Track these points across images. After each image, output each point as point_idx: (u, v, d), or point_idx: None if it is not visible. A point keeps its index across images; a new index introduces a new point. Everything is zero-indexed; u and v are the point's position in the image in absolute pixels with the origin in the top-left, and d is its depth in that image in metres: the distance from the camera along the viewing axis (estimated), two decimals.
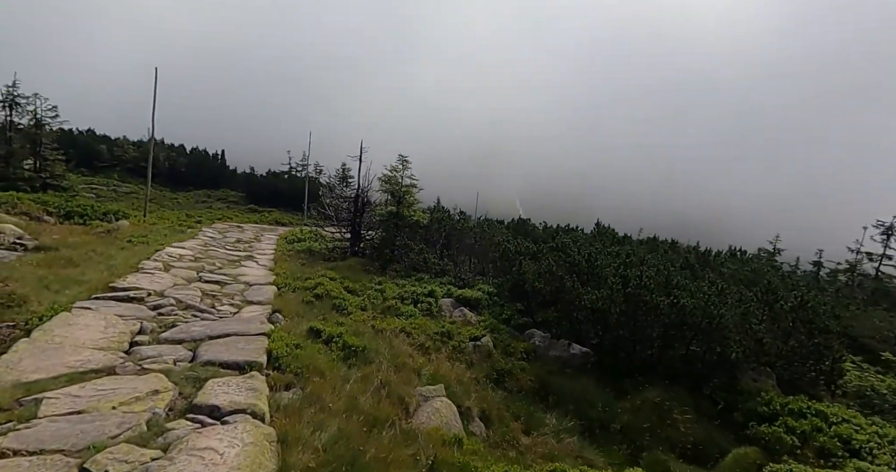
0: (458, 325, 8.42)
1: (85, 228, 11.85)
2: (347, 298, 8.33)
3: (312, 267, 10.69)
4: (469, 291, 9.84)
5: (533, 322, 8.45)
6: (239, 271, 9.09)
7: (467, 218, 13.63)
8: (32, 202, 12.92)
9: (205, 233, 12.98)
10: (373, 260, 11.87)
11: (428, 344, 7.26)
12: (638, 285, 7.15)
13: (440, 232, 11.87)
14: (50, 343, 4.33)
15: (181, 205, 25.44)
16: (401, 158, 11.76)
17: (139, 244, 10.12)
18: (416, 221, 11.73)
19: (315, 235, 14.17)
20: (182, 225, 14.43)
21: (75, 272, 7.33)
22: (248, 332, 5.35)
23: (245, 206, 27.64)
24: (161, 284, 7.18)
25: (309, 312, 7.36)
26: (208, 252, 10.17)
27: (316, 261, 11.50)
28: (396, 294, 9.19)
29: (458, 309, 9.06)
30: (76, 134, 31.08)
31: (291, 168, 36.17)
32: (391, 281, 10.26)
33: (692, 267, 11.44)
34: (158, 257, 8.84)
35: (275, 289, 7.97)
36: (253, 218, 20.92)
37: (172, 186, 29.81)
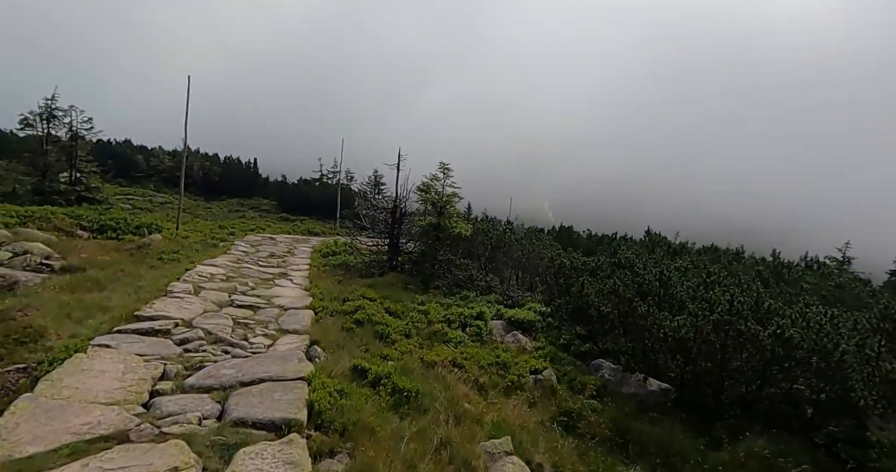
0: (513, 353, 7.54)
1: (117, 244, 11.48)
2: (389, 322, 7.56)
3: (349, 285, 9.99)
4: (520, 311, 8.94)
5: (598, 351, 7.49)
6: (273, 291, 8.44)
7: (513, 229, 12.75)
8: (66, 216, 12.69)
9: (237, 247, 12.48)
10: (413, 276, 11.09)
11: (483, 379, 6.40)
12: (728, 311, 6.12)
13: (485, 245, 11.02)
14: (56, 398, 3.66)
15: (214, 214, 25.36)
16: (442, 166, 10.98)
17: (170, 262, 9.62)
18: (458, 234, 10.91)
19: (350, 247, 13.52)
20: (214, 238, 14.01)
21: (101, 297, 6.79)
22: (285, 376, 4.61)
23: (277, 214, 27.43)
24: (190, 310, 6.56)
25: (349, 341, 6.62)
26: (240, 270, 9.58)
27: (352, 277, 10.80)
28: (442, 317, 8.38)
29: (510, 334, 8.17)
30: (114, 145, 31.59)
31: (322, 175, 35.99)
32: (434, 301, 9.45)
33: (767, 282, 10.23)
34: (188, 277, 8.28)
35: (311, 314, 7.26)
36: (285, 228, 20.52)
37: (206, 195, 29.91)
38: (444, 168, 11.02)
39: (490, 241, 11.06)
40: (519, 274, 10.83)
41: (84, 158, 15.88)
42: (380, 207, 12.29)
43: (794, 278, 10.48)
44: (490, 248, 11.08)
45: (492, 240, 11.03)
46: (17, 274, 7.26)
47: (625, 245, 10.86)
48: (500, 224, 12.88)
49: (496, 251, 11.07)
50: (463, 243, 11.47)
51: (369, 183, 29.68)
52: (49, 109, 14.57)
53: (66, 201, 14.20)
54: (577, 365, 7.34)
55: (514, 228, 13.16)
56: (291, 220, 26.12)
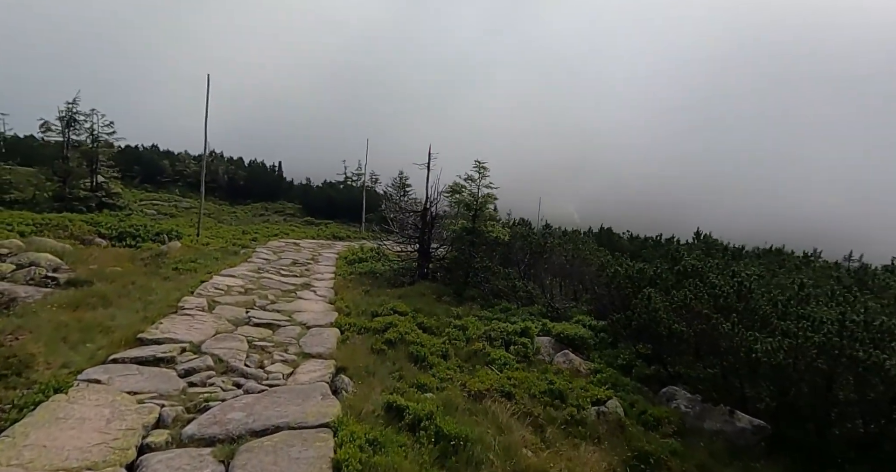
0: (567, 377, 6.55)
1: (134, 253, 10.91)
2: (424, 341, 6.66)
3: (378, 296, 9.14)
4: (569, 326, 7.94)
5: (667, 375, 6.44)
6: (295, 305, 7.65)
7: (553, 232, 11.76)
8: (85, 223, 12.23)
9: (258, 254, 11.80)
10: (445, 285, 10.19)
11: (537, 411, 5.44)
12: (838, 333, 5.02)
13: (524, 251, 10.06)
14: (13, 464, 2.87)
15: (239, 219, 24.99)
16: (477, 165, 10.05)
17: (185, 272, 8.94)
18: (495, 238, 9.96)
19: (377, 253, 12.71)
20: (236, 244, 13.39)
21: (104, 316, 6.09)
22: (305, 421, 3.75)
23: (301, 218, 26.94)
24: (201, 330, 5.79)
25: (381, 366, 5.74)
26: (260, 281, 8.83)
27: (381, 286, 9.96)
28: (482, 333, 7.44)
29: (560, 353, 7.18)
30: (141, 150, 31.68)
31: (347, 178, 35.48)
32: (472, 314, 8.52)
33: (849, 291, 8.96)
34: (203, 290, 7.56)
35: (337, 333, 6.42)
36: (310, 232, 19.90)
37: (231, 199, 29.67)
38: (480, 167, 10.09)
39: (530, 246, 10.09)
40: (562, 282, 9.83)
41: (105, 163, 15.53)
42: (408, 210, 11.44)
43: (882, 286, 9.18)
44: (530, 254, 10.11)
45: (532, 245, 10.06)
46: (17, 289, 6.63)
47: (685, 249, 9.72)
48: (541, 228, 11.89)
49: (537, 258, 10.10)
50: (499, 248, 10.52)
51: (394, 185, 29.01)
52: (70, 113, 14.25)
53: (86, 208, 13.82)
54: (644, 392, 6.30)
55: (553, 231, 12.15)
56: (316, 223, 25.57)
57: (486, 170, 10.16)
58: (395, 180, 27.22)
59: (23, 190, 13.70)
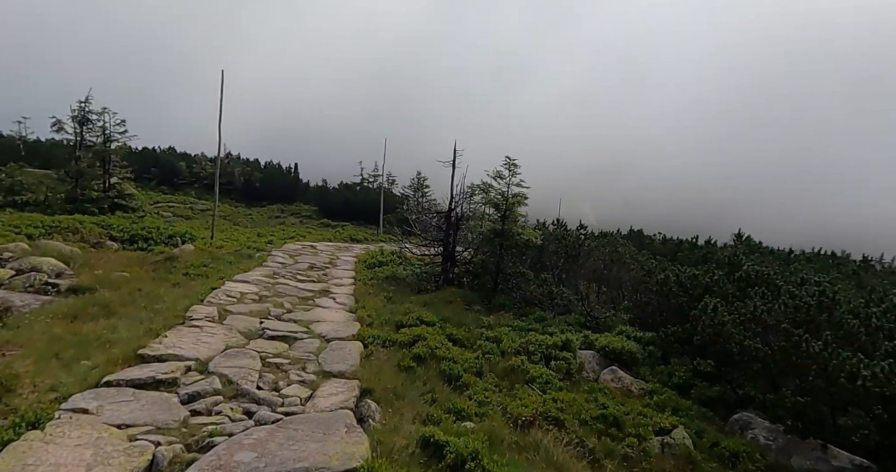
0: (618, 398, 5.79)
1: (144, 256, 10.40)
2: (456, 356, 5.96)
3: (401, 303, 8.47)
4: (613, 338, 7.17)
5: (736, 398, 5.62)
6: (313, 314, 7.00)
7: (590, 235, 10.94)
8: (96, 226, 11.78)
9: (274, 258, 11.23)
10: (472, 291, 9.49)
11: (592, 443, 4.69)
12: None
13: (557, 254, 9.31)
14: None
15: (255, 221, 24.61)
16: (508, 161, 9.32)
17: (196, 278, 8.37)
18: (526, 241, 9.22)
19: (399, 257, 12.05)
20: (251, 247, 12.85)
21: (104, 327, 5.51)
22: (329, 466, 3.07)
23: (318, 220, 26.46)
24: (209, 345, 5.16)
25: (410, 386, 5.06)
26: (276, 287, 8.22)
27: (403, 293, 9.29)
28: (519, 346, 6.72)
29: (607, 369, 6.42)
30: (158, 152, 31.58)
31: (363, 179, 34.97)
32: (504, 324, 7.80)
33: None
34: (214, 298, 6.96)
35: (360, 346, 5.75)
36: (327, 234, 19.36)
37: (247, 201, 29.35)
38: (511, 164, 9.37)
39: (565, 249, 9.33)
40: (600, 288, 9.05)
41: (118, 163, 15.14)
42: (432, 211, 10.76)
43: None
44: (564, 258, 9.35)
45: (567, 248, 9.30)
46: (12, 297, 6.10)
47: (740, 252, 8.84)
48: (577, 230, 11.09)
49: (572, 262, 9.34)
50: (529, 252, 9.77)
51: (412, 186, 28.39)
52: (83, 112, 13.88)
53: (98, 210, 13.41)
54: (710, 419, 5.50)
55: (590, 233, 11.34)
56: (332, 226, 25.06)
57: (517, 167, 9.44)
58: (413, 181, 26.62)
59: (35, 192, 13.37)
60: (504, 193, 9.56)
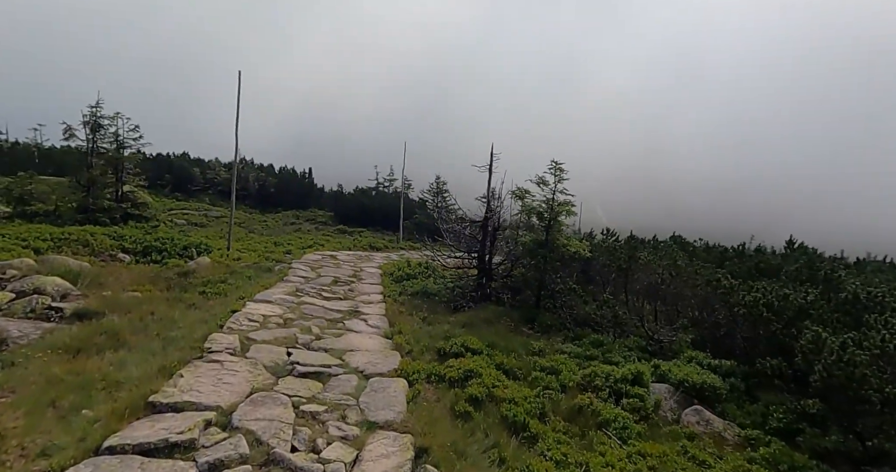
0: (711, 448, 4.90)
1: (158, 271, 9.70)
2: (515, 395, 5.12)
3: (438, 324, 7.66)
4: (687, 368, 6.27)
5: (863, 451, 4.69)
6: (344, 341, 6.20)
7: (646, 246, 9.99)
8: (108, 238, 11.14)
9: (295, 271, 10.47)
10: (513, 308, 8.62)
11: None
12: None
13: (609, 267, 8.44)
14: None
15: (270, 228, 23.99)
16: (553, 166, 8.46)
17: (214, 297, 7.63)
18: (574, 253, 8.35)
19: (427, 268, 11.24)
20: (269, 258, 12.13)
21: (110, 364, 4.75)
22: None
23: (334, 226, 25.78)
24: (231, 388, 4.38)
25: (470, 440, 4.23)
26: (301, 307, 7.44)
27: (438, 311, 8.47)
28: (581, 378, 5.86)
29: (690, 409, 5.52)
30: (172, 158, 31.19)
31: (378, 183, 34.30)
32: (557, 348, 6.94)
33: None
34: (235, 323, 6.19)
35: (404, 385, 4.94)
36: (345, 242, 18.62)
37: (262, 207, 28.78)
38: (556, 168, 8.51)
39: (617, 262, 8.45)
40: (656, 306, 8.15)
41: (131, 170, 14.52)
42: (466, 220, 9.93)
43: None
44: (616, 271, 8.47)
45: (620, 261, 8.41)
46: (10, 327, 5.37)
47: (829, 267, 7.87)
48: (630, 240, 10.15)
49: (626, 276, 8.44)
50: (575, 264, 8.89)
51: (430, 190, 27.61)
52: (94, 117, 13.28)
53: (110, 219, 12.76)
54: None
55: (646, 244, 10.40)
56: (349, 232, 24.36)
57: (563, 172, 8.58)
58: (432, 186, 25.85)
59: (46, 201, 12.80)
60: (549, 201, 8.70)
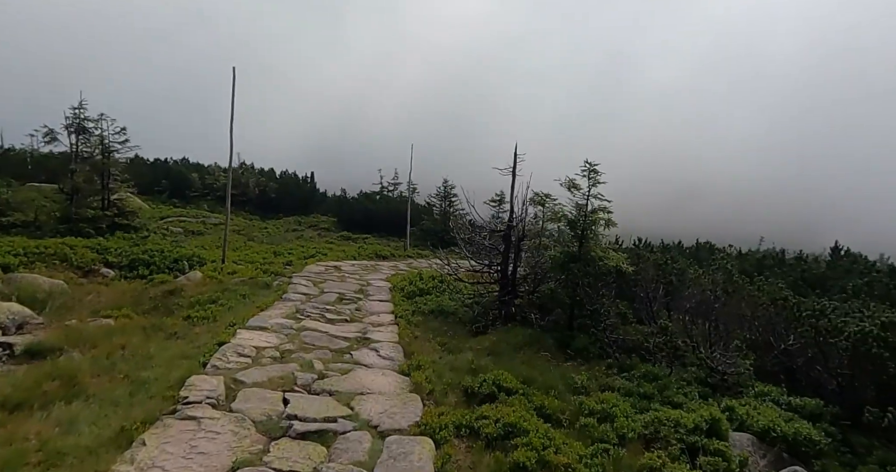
0: None
1: (143, 288, 8.70)
2: (568, 455, 4.06)
3: (460, 350, 6.62)
4: (767, 411, 5.21)
5: None
6: (353, 379, 5.16)
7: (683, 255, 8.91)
8: (89, 250, 10.14)
9: (295, 287, 9.44)
10: (542, 330, 7.57)
11: None
12: None
13: (656, 284, 7.39)
14: None
15: (271, 235, 23.00)
16: (587, 167, 7.41)
17: (201, 322, 6.60)
18: (613, 268, 7.30)
19: (442, 282, 10.20)
20: (268, 271, 11.11)
21: (57, 423, 3.72)
22: None
23: (337, 233, 24.76)
24: (206, 463, 3.33)
25: None
26: (301, 334, 6.41)
27: (458, 334, 7.44)
28: (643, 427, 4.79)
29: (786, 471, 4.45)
30: (171, 164, 30.28)
31: (383, 187, 33.28)
32: (602, 382, 5.88)
33: None
34: (222, 359, 5.16)
35: (431, 448, 3.89)
36: (349, 250, 17.59)
37: (262, 213, 27.78)
38: (590, 170, 7.47)
39: (666, 278, 7.39)
40: (709, 327, 7.08)
41: (118, 176, 13.50)
42: (485, 229, 8.89)
43: None
44: (664, 287, 7.42)
45: (670, 277, 7.35)
46: None
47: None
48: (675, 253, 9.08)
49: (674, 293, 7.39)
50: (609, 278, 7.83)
51: (438, 194, 26.59)
52: (77, 119, 12.28)
53: (96, 230, 11.75)
54: None
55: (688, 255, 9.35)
56: (353, 239, 23.32)
57: (598, 174, 7.54)
58: (440, 189, 24.83)
59: (26, 211, 11.82)
60: (581, 207, 7.65)
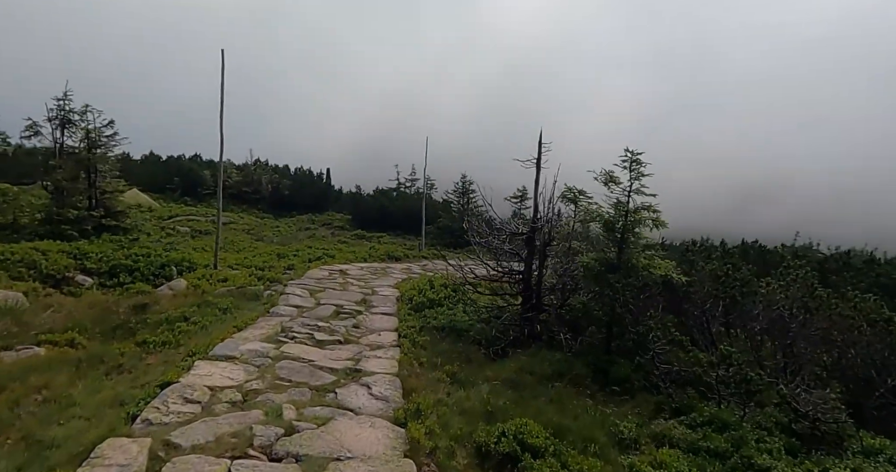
0: None
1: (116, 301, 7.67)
2: None
3: (474, 384, 5.34)
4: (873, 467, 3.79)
5: None
6: (332, 434, 3.94)
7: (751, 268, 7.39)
8: (65, 255, 9.17)
9: (288, 297, 8.30)
10: (575, 354, 6.24)
11: None
12: None
13: (714, 299, 5.97)
14: None
15: (282, 234, 22.10)
16: (628, 157, 6.04)
17: (159, 348, 5.48)
18: (662, 279, 5.93)
19: (455, 292, 8.94)
20: (263, 277, 10.03)
21: None
22: None
23: (351, 231, 23.73)
24: None
25: None
26: (277, 364, 5.22)
27: (473, 359, 6.17)
28: None
29: None
30: (183, 161, 29.71)
31: (399, 184, 32.15)
32: (657, 435, 4.54)
33: None
34: (161, 407, 4.00)
35: None
36: (360, 252, 16.46)
37: (275, 211, 26.96)
38: (631, 160, 6.09)
39: (727, 293, 5.97)
40: (784, 355, 5.66)
41: (107, 173, 12.55)
42: (504, 231, 7.58)
43: None
44: (728, 302, 6.00)
45: (732, 291, 5.94)
46: None
47: None
48: (739, 264, 7.57)
49: (737, 309, 5.98)
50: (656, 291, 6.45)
51: (455, 191, 25.32)
52: (62, 112, 11.40)
53: (79, 232, 10.88)
54: None
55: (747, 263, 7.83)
56: (367, 237, 22.27)
57: (642, 165, 6.14)
58: (457, 185, 23.54)
59: (4, 213, 11.00)
60: (621, 206, 6.28)
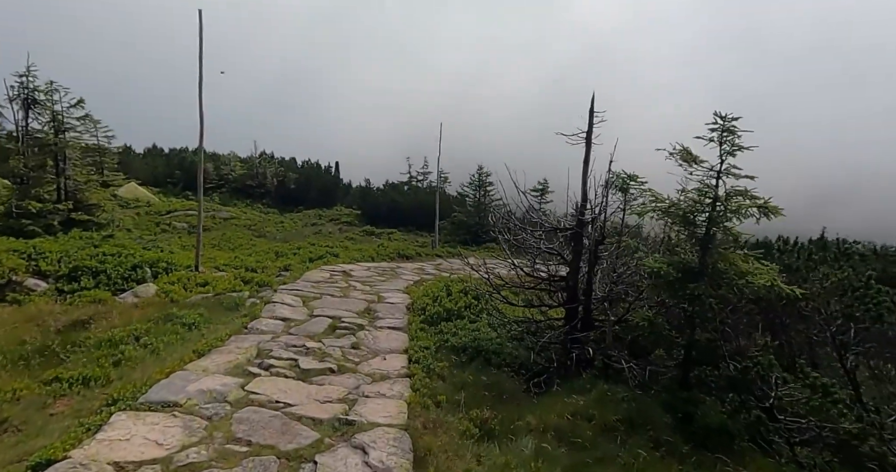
0: None
1: (59, 315, 6.26)
2: None
3: (513, 440, 3.79)
4: None
5: None
6: None
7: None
8: (15, 255, 7.80)
9: (274, 307, 6.83)
10: (641, 387, 4.66)
11: None
12: None
13: (845, 320, 4.38)
14: None
15: (286, 229, 20.70)
16: (719, 125, 4.43)
17: (76, 389, 4.00)
18: (767, 289, 4.33)
19: (477, 299, 7.39)
20: (251, 281, 8.57)
21: None
22: None
23: (360, 227, 22.27)
24: None
25: None
26: (236, 413, 3.72)
27: (506, 397, 4.64)
28: None
29: None
30: (186, 153, 28.53)
31: (411, 177, 30.64)
32: None
33: None
34: None
35: None
36: (368, 250, 14.95)
37: (281, 205, 25.62)
38: (724, 127, 4.46)
39: (868, 310, 4.37)
40: None
41: (76, 160, 11.15)
42: (540, 226, 5.99)
43: None
44: (867, 325, 4.43)
45: (868, 310, 4.34)
46: None
47: None
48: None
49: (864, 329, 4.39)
50: (755, 307, 4.84)
51: (471, 183, 23.67)
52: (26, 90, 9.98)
53: (44, 228, 9.56)
54: None
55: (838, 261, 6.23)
56: (377, 233, 20.81)
57: (737, 134, 4.51)
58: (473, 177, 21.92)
59: None
60: (707, 192, 4.66)
